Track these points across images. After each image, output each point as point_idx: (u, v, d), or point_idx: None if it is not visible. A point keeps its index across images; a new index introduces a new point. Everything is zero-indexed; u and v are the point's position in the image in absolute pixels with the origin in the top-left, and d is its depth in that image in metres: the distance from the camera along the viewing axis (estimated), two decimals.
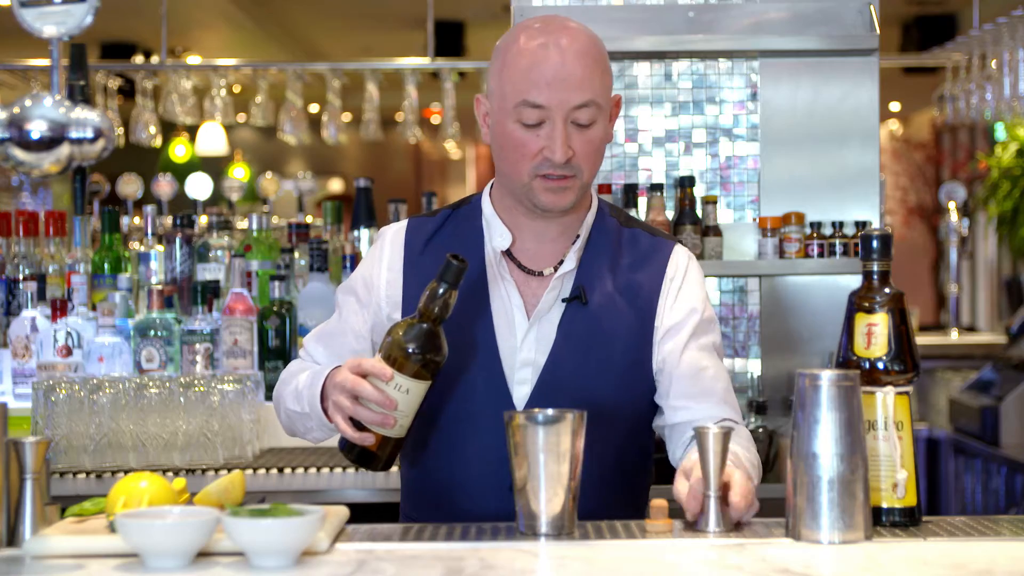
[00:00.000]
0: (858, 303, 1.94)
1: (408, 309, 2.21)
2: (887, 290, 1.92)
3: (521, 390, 2.17)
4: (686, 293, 2.23)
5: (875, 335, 1.91)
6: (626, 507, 2.22)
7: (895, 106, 10.62)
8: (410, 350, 2.00)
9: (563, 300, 2.19)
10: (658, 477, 3.44)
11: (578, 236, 2.23)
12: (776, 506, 1.96)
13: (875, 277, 1.94)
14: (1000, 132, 6.84)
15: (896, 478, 1.90)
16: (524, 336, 2.18)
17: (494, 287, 2.21)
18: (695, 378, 2.20)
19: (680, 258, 2.26)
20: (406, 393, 2.00)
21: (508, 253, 2.23)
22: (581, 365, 2.18)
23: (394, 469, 2.19)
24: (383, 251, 2.28)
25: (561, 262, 2.21)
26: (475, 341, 2.18)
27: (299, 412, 2.20)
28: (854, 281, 3.68)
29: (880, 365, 1.90)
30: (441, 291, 2.01)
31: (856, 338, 1.92)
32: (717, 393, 2.21)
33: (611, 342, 2.19)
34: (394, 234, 2.29)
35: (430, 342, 2.01)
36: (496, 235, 2.22)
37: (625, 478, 2.26)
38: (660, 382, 2.22)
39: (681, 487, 1.97)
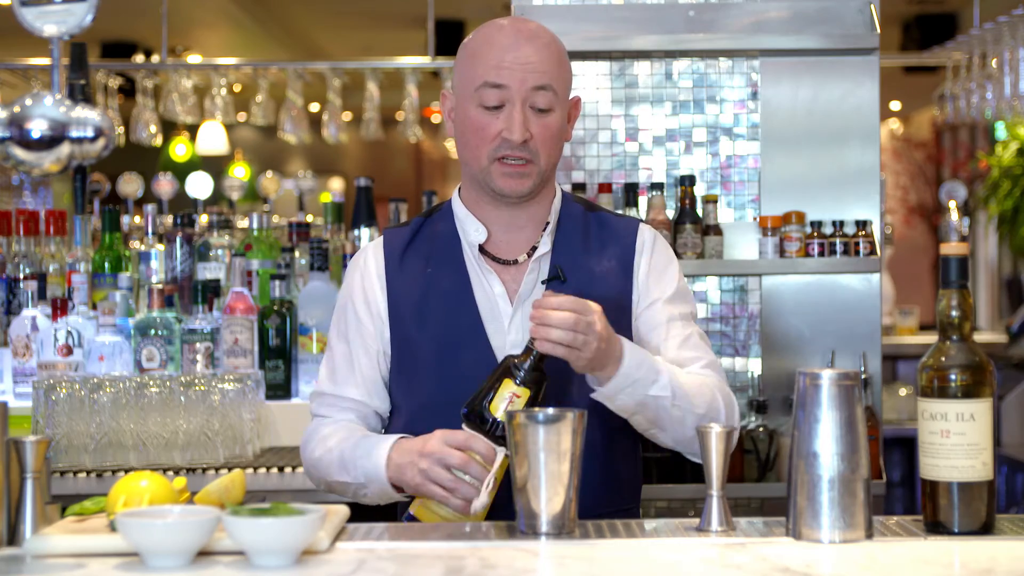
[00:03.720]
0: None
1: (394, 320, 2.32)
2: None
3: None
4: (657, 264, 2.34)
5: None
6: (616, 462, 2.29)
7: (895, 105, 10.62)
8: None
9: (542, 282, 2.30)
10: (658, 477, 3.45)
11: (547, 222, 2.33)
12: (776, 505, 1.96)
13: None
14: (1001, 131, 6.84)
15: None
16: (510, 320, 2.29)
17: (475, 280, 2.31)
18: (681, 347, 2.31)
19: (647, 233, 2.38)
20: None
21: (482, 248, 2.32)
22: None
23: None
24: (368, 264, 2.38)
25: (535, 248, 2.31)
26: (464, 332, 2.28)
27: (350, 483, 2.28)
28: (855, 280, 3.68)
29: None
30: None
31: None
32: (705, 356, 2.32)
33: None
34: (374, 247, 2.40)
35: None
36: (471, 231, 2.33)
37: (616, 438, 2.30)
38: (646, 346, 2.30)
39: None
